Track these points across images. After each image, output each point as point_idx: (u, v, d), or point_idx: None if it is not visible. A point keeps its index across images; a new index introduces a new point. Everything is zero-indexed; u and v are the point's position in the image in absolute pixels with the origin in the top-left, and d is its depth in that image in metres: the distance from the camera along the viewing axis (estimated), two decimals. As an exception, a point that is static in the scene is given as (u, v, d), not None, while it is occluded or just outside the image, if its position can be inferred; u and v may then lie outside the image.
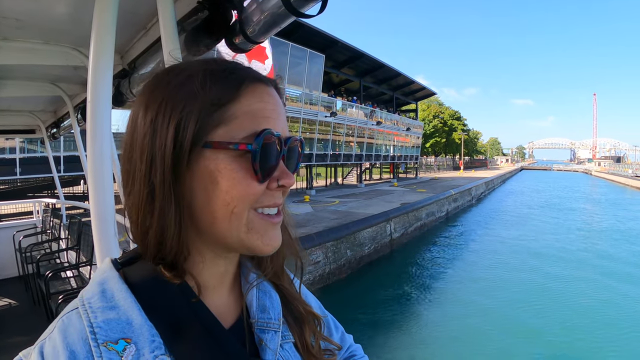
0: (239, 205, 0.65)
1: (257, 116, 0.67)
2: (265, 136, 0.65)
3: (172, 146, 0.64)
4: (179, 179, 0.65)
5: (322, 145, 30.06)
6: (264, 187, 0.67)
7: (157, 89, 0.68)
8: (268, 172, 0.67)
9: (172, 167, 0.64)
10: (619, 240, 23.05)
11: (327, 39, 28.18)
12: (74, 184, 21.70)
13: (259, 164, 0.65)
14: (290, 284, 0.89)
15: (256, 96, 0.69)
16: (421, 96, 52.40)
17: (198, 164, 0.65)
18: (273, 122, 0.69)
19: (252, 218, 0.67)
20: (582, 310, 12.65)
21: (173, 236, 0.65)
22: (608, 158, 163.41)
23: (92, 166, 1.62)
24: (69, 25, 2.32)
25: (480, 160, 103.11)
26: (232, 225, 0.66)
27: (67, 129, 5.77)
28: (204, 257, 0.71)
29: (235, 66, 0.71)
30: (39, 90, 4.03)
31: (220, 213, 0.65)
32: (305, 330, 0.84)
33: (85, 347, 0.57)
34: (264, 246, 0.69)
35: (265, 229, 0.69)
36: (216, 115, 0.65)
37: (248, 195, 0.66)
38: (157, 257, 0.67)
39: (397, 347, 10.25)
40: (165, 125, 0.64)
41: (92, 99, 1.61)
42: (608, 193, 53.23)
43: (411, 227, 22.23)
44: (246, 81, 0.69)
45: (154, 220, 0.65)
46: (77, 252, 5.74)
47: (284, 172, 0.70)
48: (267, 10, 1.49)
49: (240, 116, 0.66)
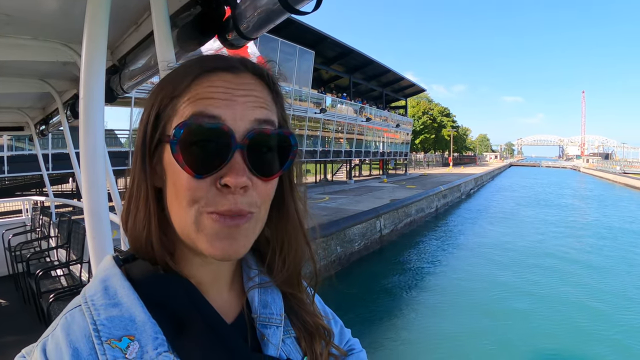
0: (183, 201, 0.63)
1: (198, 99, 0.63)
2: (188, 125, 0.61)
3: (141, 139, 0.67)
4: (149, 171, 0.67)
5: (311, 141, 30.12)
6: (206, 184, 0.62)
7: (152, 88, 0.71)
8: (206, 168, 0.61)
9: (142, 160, 0.66)
10: (605, 236, 23.36)
11: (317, 35, 28.17)
12: (62, 181, 21.53)
13: (181, 156, 0.60)
14: (304, 294, 0.86)
15: (208, 82, 0.65)
16: (410, 93, 52.65)
17: (160, 157, 0.66)
18: (221, 106, 0.63)
19: (201, 219, 0.62)
20: (570, 300, 12.86)
21: (155, 235, 0.65)
22: (596, 155, 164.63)
23: (85, 163, 1.60)
24: (59, 21, 2.30)
25: (469, 157, 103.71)
26: (183, 221, 0.64)
27: (56, 126, 5.72)
28: (193, 253, 0.69)
29: (202, 58, 0.69)
30: (28, 87, 3.99)
31: (174, 207, 0.65)
32: (316, 341, 0.82)
33: (88, 344, 0.57)
34: (213, 251, 0.63)
35: (214, 231, 0.63)
36: (169, 109, 0.65)
37: (185, 191, 0.62)
38: (144, 251, 0.67)
39: (387, 341, 10.32)
40: (142, 120, 0.68)
41: (84, 96, 1.59)
42: (595, 189, 53.74)
43: (401, 224, 22.33)
44: (203, 70, 0.66)
45: (138, 213, 0.67)
46: (67, 250, 5.71)
47: (232, 168, 0.62)
48: (262, 6, 1.48)
49: (183, 104, 0.64)
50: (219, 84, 0.64)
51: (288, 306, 0.82)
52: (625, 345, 10.13)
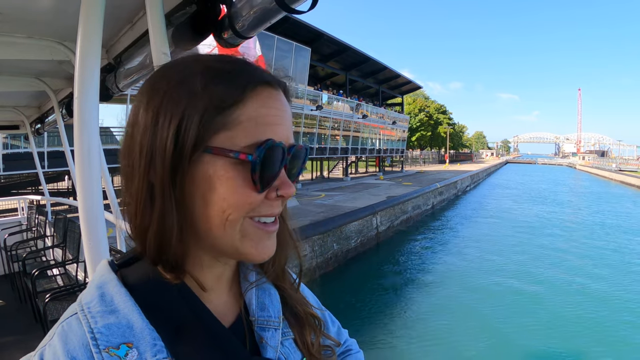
0: (234, 213, 0.63)
1: (261, 123, 0.64)
2: (267, 147, 0.63)
3: (173, 148, 0.61)
4: (178, 181, 0.63)
5: (307, 138, 30.06)
6: (262, 196, 0.65)
7: (158, 83, 0.65)
8: (267, 182, 0.65)
9: (170, 169, 0.62)
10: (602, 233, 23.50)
11: (313, 32, 28.16)
12: (58, 179, 21.42)
13: (258, 175, 0.63)
14: (292, 285, 0.88)
15: (261, 100, 0.66)
16: (407, 90, 52.67)
17: (197, 167, 0.63)
18: (277, 130, 0.66)
19: (246, 226, 0.65)
20: (570, 300, 12.88)
21: (174, 238, 0.63)
22: (592, 152, 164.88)
23: (79, 162, 1.58)
24: (54, 19, 2.29)
25: (465, 154, 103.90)
26: (226, 232, 0.64)
27: (51, 124, 5.70)
28: (202, 260, 0.69)
29: (241, 66, 0.68)
30: (23, 85, 3.97)
31: (216, 219, 0.64)
32: (306, 330, 0.83)
33: (86, 353, 0.56)
34: (257, 255, 0.67)
35: (259, 237, 0.67)
36: (219, 119, 0.62)
37: (245, 205, 0.64)
38: (156, 257, 0.65)
39: (384, 339, 10.35)
40: (167, 124, 0.62)
41: (79, 94, 1.58)
42: (591, 186, 53.91)
43: (397, 221, 22.34)
44: (252, 83, 0.65)
45: (154, 221, 0.63)
46: (63, 249, 5.70)
47: (284, 182, 0.68)
48: (257, 5, 1.47)
49: (244, 122, 0.63)
50: (273, 104, 0.67)
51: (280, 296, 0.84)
52: (625, 342, 10.19)
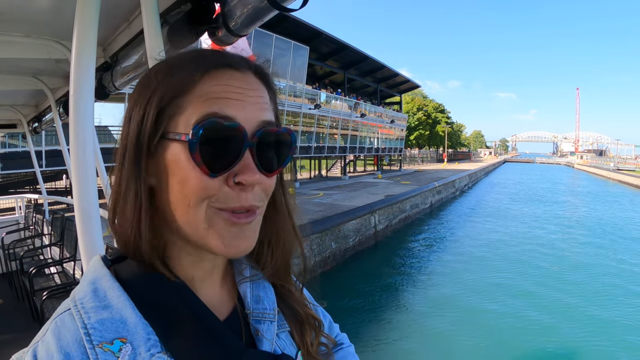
0: (193, 198, 0.62)
1: (210, 98, 0.62)
2: (208, 124, 0.60)
3: (135, 136, 0.63)
4: (143, 169, 0.64)
5: (306, 137, 30.06)
6: (218, 182, 0.62)
7: (141, 80, 0.68)
8: (221, 166, 0.62)
9: (135, 158, 0.64)
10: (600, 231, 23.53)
11: (312, 30, 28.16)
12: (56, 178, 21.40)
13: (199, 156, 0.60)
14: (292, 285, 0.87)
15: (217, 79, 0.64)
16: (405, 89, 52.67)
17: (159, 155, 0.64)
18: (233, 105, 0.63)
19: (211, 215, 0.63)
20: (568, 300, 12.87)
21: (143, 226, 0.64)
22: (590, 151, 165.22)
23: (75, 160, 1.59)
24: (51, 18, 2.29)
25: (463, 153, 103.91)
26: (190, 220, 0.63)
27: (49, 123, 5.70)
28: (186, 252, 0.69)
29: (204, 53, 0.68)
30: (20, 84, 3.96)
31: (180, 205, 0.63)
32: (306, 330, 0.83)
33: (80, 349, 0.56)
34: (224, 248, 0.64)
35: (227, 228, 0.64)
36: (173, 104, 0.63)
37: (199, 190, 0.61)
38: (133, 251, 0.66)
39: (380, 337, 10.35)
40: (137, 116, 0.64)
41: (74, 93, 1.59)
42: (589, 185, 53.95)
43: (395, 219, 22.34)
44: (210, 66, 0.65)
45: (126, 212, 0.65)
46: (60, 247, 5.70)
47: (245, 166, 0.63)
48: (250, 3, 1.49)
49: (193, 101, 0.62)
50: (231, 82, 0.64)
51: (278, 296, 0.82)
52: (625, 342, 10.18)
